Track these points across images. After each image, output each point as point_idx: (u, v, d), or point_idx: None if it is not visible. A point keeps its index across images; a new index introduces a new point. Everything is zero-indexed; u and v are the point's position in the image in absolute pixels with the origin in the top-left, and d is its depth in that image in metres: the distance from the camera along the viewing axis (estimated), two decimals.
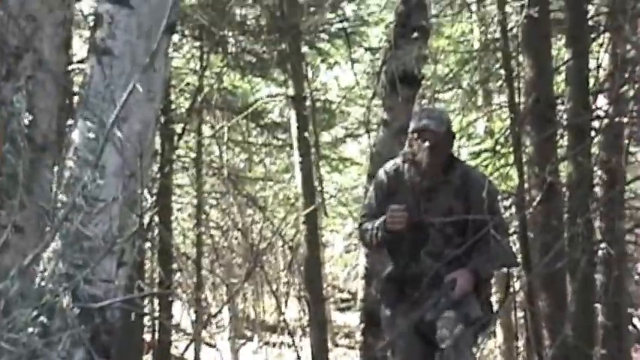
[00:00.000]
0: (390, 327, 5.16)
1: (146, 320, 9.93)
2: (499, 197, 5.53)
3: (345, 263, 21.31)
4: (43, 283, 2.21)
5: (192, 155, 10.42)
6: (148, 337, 10.48)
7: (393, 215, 4.95)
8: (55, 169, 3.63)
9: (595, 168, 6.65)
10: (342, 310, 21.95)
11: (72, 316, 2.20)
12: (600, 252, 6.88)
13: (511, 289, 5.53)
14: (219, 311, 12.07)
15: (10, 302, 1.97)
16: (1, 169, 3.46)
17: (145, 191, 2.70)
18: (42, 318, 2.17)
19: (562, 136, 7.20)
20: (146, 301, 9.66)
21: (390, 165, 5.13)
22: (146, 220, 8.11)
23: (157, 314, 8.67)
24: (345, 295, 21.68)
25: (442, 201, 5.00)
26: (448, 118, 5.11)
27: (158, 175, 7.96)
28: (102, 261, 2.91)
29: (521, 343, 8.89)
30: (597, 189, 6.91)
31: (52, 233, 2.25)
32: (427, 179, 4.95)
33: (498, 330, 12.39)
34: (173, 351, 9.55)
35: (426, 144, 4.83)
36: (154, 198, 7.79)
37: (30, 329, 2.06)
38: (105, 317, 2.98)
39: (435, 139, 4.84)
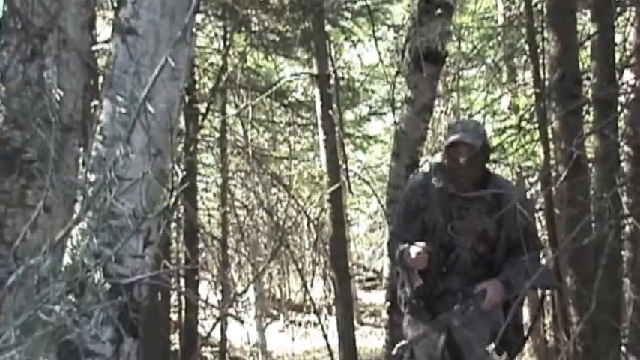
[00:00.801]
0: (412, 327, 5.11)
1: (173, 300, 9.98)
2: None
3: (370, 242, 21.33)
4: (74, 259, 2.22)
5: (217, 135, 10.42)
6: (174, 316, 10.55)
7: (413, 257, 4.90)
8: (81, 149, 3.66)
9: (621, 143, 6.59)
10: (367, 288, 21.99)
11: (103, 291, 2.21)
12: (627, 228, 6.83)
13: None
14: (245, 290, 12.09)
15: (42, 278, 1.98)
16: (29, 149, 3.49)
17: (175, 167, 2.70)
18: (73, 294, 2.19)
19: (588, 112, 7.15)
20: (173, 280, 9.71)
21: (418, 180, 5.10)
22: (172, 200, 8.16)
23: (183, 290, 8.70)
24: (371, 274, 21.71)
25: (474, 219, 4.93)
26: (484, 132, 5.02)
27: (183, 155, 7.98)
28: (129, 240, 2.93)
29: (547, 320, 8.84)
30: (624, 164, 6.85)
31: (83, 209, 2.25)
32: (460, 196, 4.91)
33: (525, 307, 12.36)
34: (200, 330, 9.59)
35: (462, 158, 4.79)
36: (180, 177, 7.83)
37: (62, 305, 2.07)
38: (132, 295, 3.00)
39: (471, 153, 4.78)
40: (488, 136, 5.18)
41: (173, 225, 9.37)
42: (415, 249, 4.82)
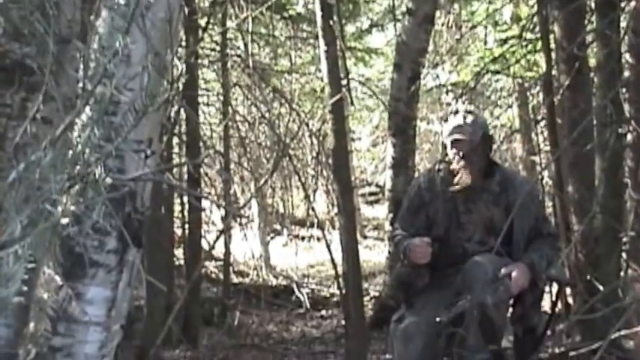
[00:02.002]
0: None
1: (177, 214, 10.03)
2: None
3: (373, 156, 21.35)
4: (75, 153, 2.23)
5: (218, 49, 10.36)
6: (179, 232, 10.62)
7: (415, 250, 4.89)
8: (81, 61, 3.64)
9: (623, 50, 6.56)
10: (370, 203, 22.09)
11: (105, 186, 2.22)
12: (630, 135, 6.83)
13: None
14: (248, 202, 12.15)
15: (45, 172, 1.99)
16: (29, 61, 3.47)
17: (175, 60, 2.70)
18: (75, 189, 2.21)
19: (590, 20, 7.08)
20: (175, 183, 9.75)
21: (423, 175, 5.19)
22: (172, 114, 8.14)
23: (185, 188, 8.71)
24: (374, 189, 21.77)
25: (482, 211, 4.92)
26: (483, 122, 5.09)
27: (183, 69, 7.94)
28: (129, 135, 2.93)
29: None
30: (626, 73, 6.82)
31: (83, 102, 2.25)
32: (464, 189, 4.89)
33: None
34: (204, 245, 9.64)
35: (461, 153, 4.86)
36: (180, 93, 7.78)
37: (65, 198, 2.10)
38: (135, 205, 3.01)
39: (470, 147, 4.86)
40: (488, 126, 5.23)
41: (175, 140, 9.38)
42: (417, 242, 4.84)
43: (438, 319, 4.76)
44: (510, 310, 4.93)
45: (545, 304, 5.57)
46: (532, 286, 4.84)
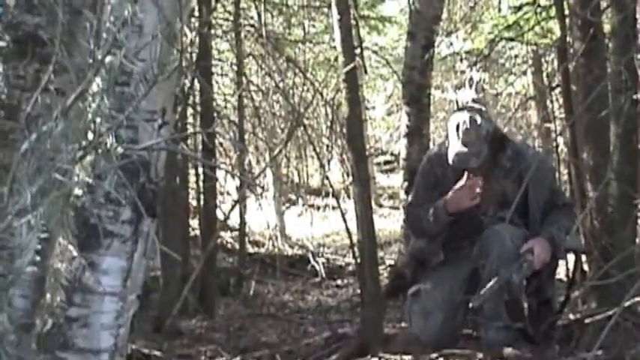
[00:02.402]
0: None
1: (191, 184, 10.06)
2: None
3: (388, 125, 21.31)
4: (85, 122, 2.24)
5: (231, 19, 10.33)
6: (194, 203, 10.65)
7: (464, 192, 4.85)
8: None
9: (638, 16, 6.51)
10: (385, 172, 22.08)
11: (116, 155, 2.23)
12: None
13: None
14: (263, 171, 12.17)
15: (56, 142, 2.00)
16: (41, 32, 3.47)
17: (185, 28, 2.70)
18: (88, 157, 2.23)
19: None
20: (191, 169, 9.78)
21: (434, 151, 5.20)
22: (186, 84, 8.14)
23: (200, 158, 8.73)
24: (388, 157, 21.75)
25: (494, 186, 4.89)
26: (487, 130, 4.93)
27: (195, 38, 7.93)
28: (143, 122, 2.94)
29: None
30: None
31: (93, 71, 2.26)
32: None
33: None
34: (219, 215, 9.67)
35: (472, 166, 4.88)
36: (194, 63, 7.76)
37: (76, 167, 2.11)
38: (149, 175, 3.02)
39: (478, 164, 4.86)
40: (493, 122, 5.15)
41: (190, 111, 9.39)
42: (462, 183, 4.83)
43: (470, 305, 4.76)
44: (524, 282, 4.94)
45: (560, 272, 5.59)
46: (550, 259, 4.85)
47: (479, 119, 4.88)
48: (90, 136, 2.24)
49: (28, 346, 2.87)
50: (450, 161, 4.87)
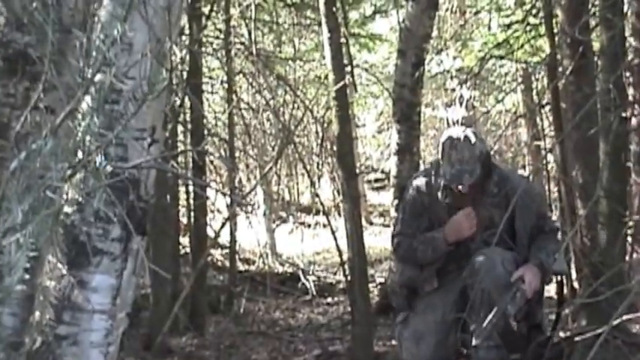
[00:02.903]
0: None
1: (182, 201, 10.05)
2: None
3: (378, 143, 21.35)
4: (75, 141, 2.24)
5: (221, 37, 10.35)
6: (184, 221, 10.64)
7: (461, 223, 4.85)
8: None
9: (627, 34, 6.55)
10: (376, 189, 22.10)
11: (105, 174, 2.23)
12: (634, 119, 6.83)
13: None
14: (253, 189, 12.17)
15: (46, 161, 2.00)
16: (31, 51, 3.47)
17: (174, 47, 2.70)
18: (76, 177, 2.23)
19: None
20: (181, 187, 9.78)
21: (420, 179, 5.05)
22: (177, 102, 8.14)
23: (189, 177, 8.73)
24: (379, 175, 21.76)
25: (481, 213, 4.86)
26: (480, 142, 4.85)
27: (185, 56, 7.94)
28: (133, 140, 2.94)
29: (555, 215, 8.93)
30: (630, 57, 6.81)
31: (83, 90, 2.26)
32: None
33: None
34: (210, 233, 9.67)
35: (464, 189, 4.78)
36: (184, 81, 7.77)
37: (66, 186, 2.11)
38: (139, 193, 3.02)
39: (472, 183, 4.75)
40: (485, 142, 5.02)
41: (180, 129, 9.39)
42: (461, 214, 4.82)
43: (473, 343, 4.75)
44: None
45: (550, 290, 5.58)
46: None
47: (473, 138, 4.80)
48: (79, 154, 2.24)
49: None
50: (444, 177, 4.77)
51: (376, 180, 22.26)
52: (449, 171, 4.72)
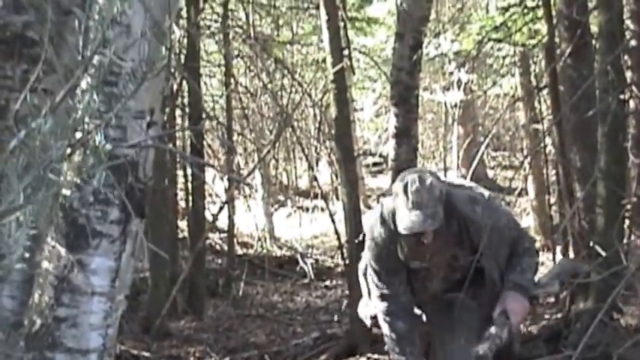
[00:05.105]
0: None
1: (180, 185, 10.06)
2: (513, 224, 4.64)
3: (376, 127, 21.33)
4: (75, 120, 2.24)
5: (219, 20, 10.34)
6: (183, 205, 10.66)
7: None
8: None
9: (625, 16, 6.54)
10: (374, 173, 22.10)
11: (105, 153, 2.23)
12: (632, 102, 6.83)
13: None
14: (251, 172, 12.17)
15: (44, 141, 2.00)
16: (29, 33, 3.47)
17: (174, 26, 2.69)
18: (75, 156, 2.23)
19: None
20: (179, 170, 9.78)
21: (379, 228, 4.51)
22: (174, 85, 8.13)
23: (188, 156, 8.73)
24: (377, 159, 21.77)
25: (445, 252, 4.46)
26: (440, 190, 4.25)
27: (182, 36, 7.93)
28: (132, 121, 2.94)
29: (553, 199, 8.93)
30: (628, 39, 6.81)
31: (82, 68, 2.26)
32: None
33: (530, 186, 12.45)
34: (208, 217, 9.68)
35: (425, 239, 4.26)
36: (182, 64, 7.76)
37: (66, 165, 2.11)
38: (137, 175, 3.02)
39: (434, 227, 4.20)
40: (441, 179, 4.43)
41: (178, 112, 9.39)
42: None
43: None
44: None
45: None
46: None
47: (429, 179, 4.27)
48: (79, 134, 2.24)
49: (16, 344, 2.87)
50: (401, 229, 4.18)
51: (374, 164, 22.25)
52: (406, 219, 4.17)
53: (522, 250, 4.52)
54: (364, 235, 4.73)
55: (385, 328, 4.72)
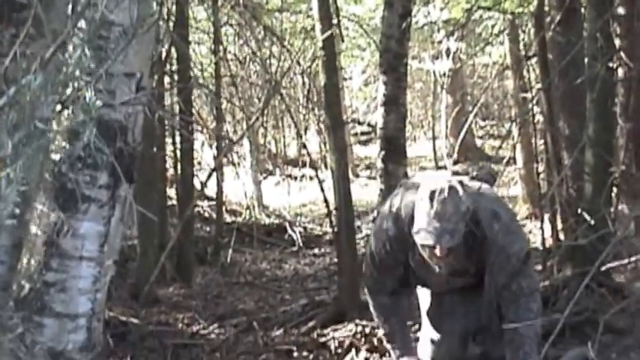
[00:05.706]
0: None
1: (168, 153, 10.04)
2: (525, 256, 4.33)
3: (365, 96, 21.29)
4: (65, 74, 2.24)
5: None
6: (171, 172, 10.64)
7: None
8: None
9: None
10: (363, 142, 22.09)
11: (95, 109, 2.22)
12: (620, 70, 6.83)
13: None
14: (240, 139, 12.16)
15: (35, 97, 2.00)
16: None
17: None
18: (67, 111, 2.22)
19: None
20: (168, 138, 9.76)
21: (391, 224, 4.33)
22: (164, 51, 8.09)
23: (178, 116, 8.70)
24: (366, 128, 21.75)
25: (456, 265, 4.27)
26: (467, 207, 4.03)
27: (174, 8, 7.89)
28: (121, 84, 2.93)
29: (541, 167, 8.92)
30: (617, 7, 6.80)
31: (73, 23, 2.25)
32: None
33: (518, 155, 12.45)
34: (196, 184, 9.67)
35: (441, 255, 4.05)
36: (171, 31, 7.71)
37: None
38: (126, 139, 3.02)
39: (452, 245, 4.02)
40: (472, 196, 4.14)
41: (167, 79, 9.35)
42: None
43: None
44: None
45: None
46: None
47: (460, 190, 4.05)
48: (69, 90, 2.24)
49: (5, 304, 2.87)
50: (416, 237, 4.01)
51: (362, 133, 22.24)
52: (424, 229, 3.97)
53: (519, 290, 4.29)
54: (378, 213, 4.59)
55: (370, 301, 4.69)
